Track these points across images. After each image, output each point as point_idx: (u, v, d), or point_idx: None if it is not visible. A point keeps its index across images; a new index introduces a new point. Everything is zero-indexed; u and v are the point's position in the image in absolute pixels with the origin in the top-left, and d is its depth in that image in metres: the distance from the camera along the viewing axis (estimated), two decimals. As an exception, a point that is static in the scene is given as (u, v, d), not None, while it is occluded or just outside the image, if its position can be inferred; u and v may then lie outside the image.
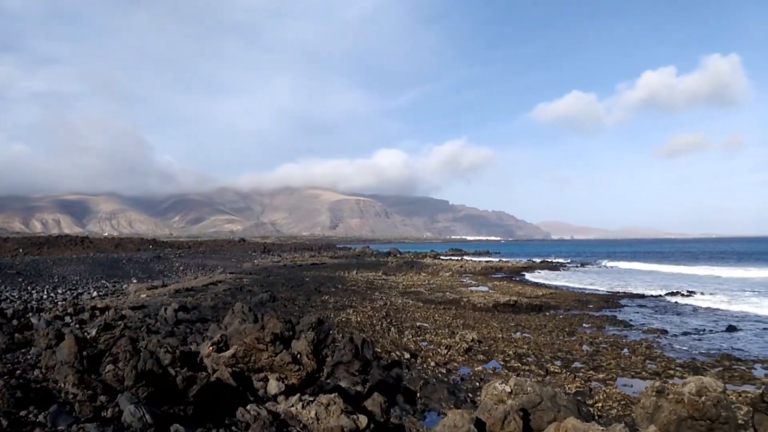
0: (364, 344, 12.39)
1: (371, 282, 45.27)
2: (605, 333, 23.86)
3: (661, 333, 24.17)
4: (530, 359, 18.22)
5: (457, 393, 12.38)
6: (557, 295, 38.56)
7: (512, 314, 28.88)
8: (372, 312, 26.69)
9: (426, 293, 37.11)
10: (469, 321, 25.74)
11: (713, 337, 23.62)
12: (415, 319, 25.60)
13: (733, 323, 26.45)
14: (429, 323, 24.72)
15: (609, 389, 14.50)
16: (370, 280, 47.55)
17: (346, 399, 8.57)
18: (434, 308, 29.94)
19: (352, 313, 26.12)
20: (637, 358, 18.56)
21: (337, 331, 20.08)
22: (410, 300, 33.04)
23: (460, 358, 17.94)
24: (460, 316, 27.40)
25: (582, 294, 40.15)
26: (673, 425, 7.64)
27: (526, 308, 30.96)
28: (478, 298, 33.26)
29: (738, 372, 16.83)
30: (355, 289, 38.19)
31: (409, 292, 37.56)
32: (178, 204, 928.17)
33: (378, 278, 49.62)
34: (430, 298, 34.42)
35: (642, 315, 30.10)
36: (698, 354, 19.84)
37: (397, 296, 34.87)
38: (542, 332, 23.50)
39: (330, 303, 29.76)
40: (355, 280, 46.14)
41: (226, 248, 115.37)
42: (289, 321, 10.03)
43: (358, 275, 52.32)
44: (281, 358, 9.06)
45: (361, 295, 34.29)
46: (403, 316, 26.49)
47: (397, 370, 13.34)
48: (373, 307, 28.45)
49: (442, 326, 23.85)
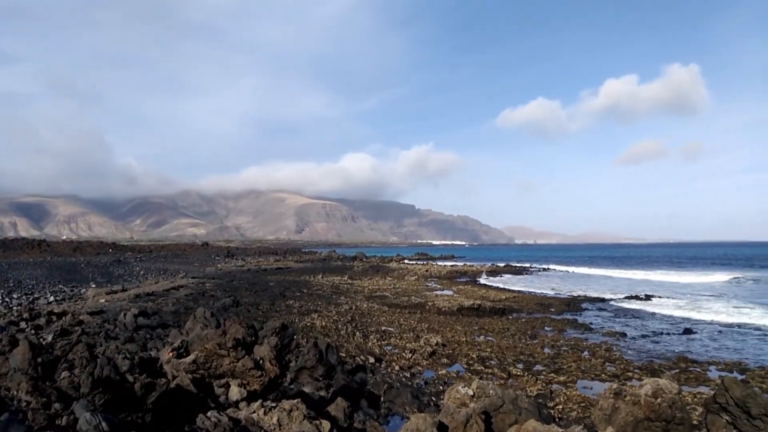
0: (329, 349, 12.33)
1: (337, 286, 45.14)
2: (566, 336, 24.30)
3: (620, 336, 24.75)
4: (493, 362, 18.43)
5: (420, 397, 12.44)
6: (520, 298, 39.08)
7: (476, 318, 29.16)
8: (337, 316, 26.61)
9: (391, 297, 37.18)
10: (433, 325, 25.89)
11: (670, 339, 24.30)
12: (381, 324, 25.61)
13: (689, 326, 27.26)
14: (394, 327, 24.76)
15: (569, 391, 14.78)
16: (336, 284, 47.41)
17: (310, 404, 8.52)
18: (399, 312, 30.02)
19: (317, 317, 25.98)
20: (596, 361, 18.97)
21: (302, 336, 19.97)
22: (376, 304, 33.05)
23: (425, 361, 18.03)
24: (425, 320, 27.54)
25: (544, 298, 40.79)
26: (630, 426, 7.83)
27: (489, 312, 31.28)
28: (442, 302, 33.47)
29: (693, 374, 17.36)
30: (320, 294, 38.01)
31: (374, 297, 37.57)
32: (140, 207, 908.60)
33: (344, 282, 49.50)
34: (396, 302, 34.50)
35: (602, 318, 30.76)
36: (656, 356, 20.38)
37: (363, 300, 34.84)
38: (505, 335, 23.80)
39: (295, 308, 29.54)
40: (321, 285, 45.92)
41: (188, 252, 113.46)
42: (251, 326, 9.92)
43: (324, 280, 52.10)
44: (243, 363, 8.95)
45: (326, 300, 34.14)
46: (369, 320, 26.48)
47: (362, 375, 13.32)
48: (338, 312, 28.36)
49: (407, 330, 23.92)
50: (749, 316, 32.30)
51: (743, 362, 19.09)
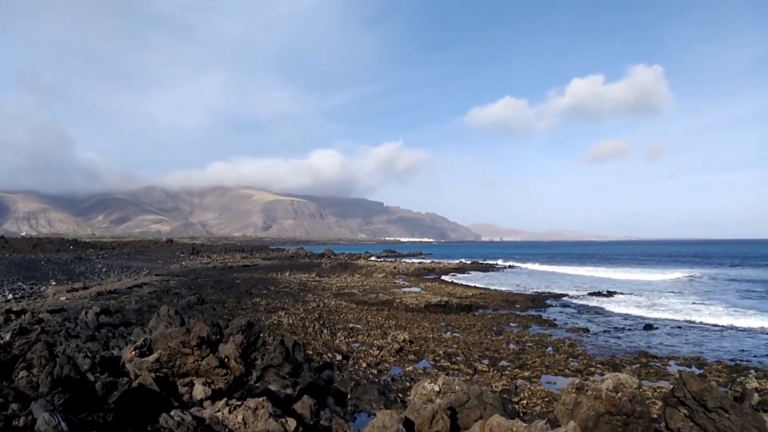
0: (296, 347, 12.27)
1: (304, 284, 44.92)
2: (531, 332, 24.69)
3: (583, 332, 25.26)
4: (459, 358, 18.61)
5: (387, 393, 12.48)
6: (486, 295, 39.53)
7: (443, 314, 29.38)
8: (304, 314, 26.50)
9: (359, 294, 37.17)
10: (401, 322, 25.98)
11: (631, 335, 24.90)
12: (348, 321, 25.59)
13: (650, 322, 28.00)
14: (362, 324, 24.77)
15: (534, 387, 15.03)
16: (304, 281, 47.18)
17: (275, 402, 8.46)
18: (367, 309, 30.04)
19: (284, 315, 25.82)
20: (560, 356, 19.33)
21: (268, 334, 19.82)
22: (343, 301, 33.01)
23: (392, 358, 18.09)
24: (393, 316, 27.62)
25: (510, 294, 41.34)
26: (592, 421, 8.00)
27: (456, 308, 31.56)
28: (410, 299, 33.62)
29: (654, 368, 17.83)
30: (287, 291, 37.77)
31: (342, 294, 37.52)
32: (102, 203, 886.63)
33: (311, 280, 49.29)
34: (364, 299, 34.51)
35: (566, 314, 31.33)
36: (617, 351, 20.87)
37: (331, 298, 34.76)
38: (471, 332, 24.05)
39: (261, 305, 29.29)
40: (288, 282, 45.64)
41: (152, 249, 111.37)
42: (216, 324, 9.81)
43: (291, 277, 51.79)
44: (208, 362, 8.85)
45: (293, 297, 33.95)
46: (336, 317, 26.43)
47: (329, 372, 13.30)
48: (305, 309, 28.23)
49: (374, 327, 23.96)
50: (707, 312, 33.34)
51: (701, 357, 19.69)
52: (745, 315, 31.23)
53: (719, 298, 41.06)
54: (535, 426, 6.81)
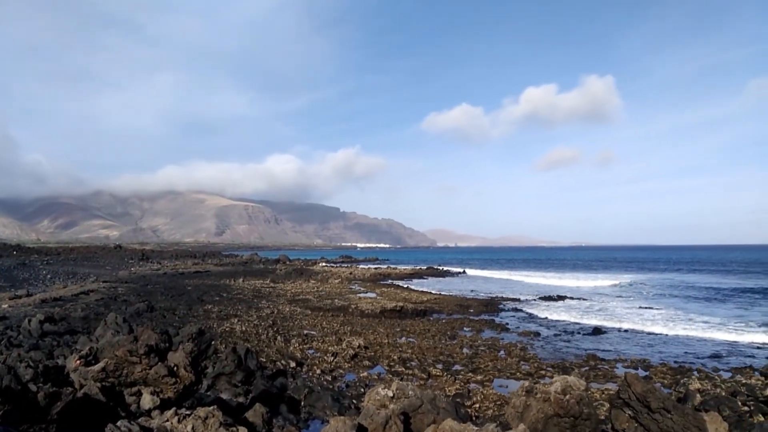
0: (248, 354, 12.09)
1: (258, 290, 44.31)
2: (484, 336, 25.06)
3: (534, 335, 25.80)
4: (414, 363, 18.71)
5: (341, 400, 12.43)
6: (441, 300, 39.89)
7: (398, 320, 29.50)
8: (258, 321, 26.14)
9: (314, 301, 36.92)
10: (356, 327, 25.94)
11: (581, 338, 25.59)
12: (303, 327, 25.38)
13: (598, 326, 28.82)
14: (316, 331, 24.61)
15: (486, 390, 15.24)
16: (258, 288, 46.53)
17: (227, 411, 8.32)
18: (322, 315, 29.87)
19: (236, 322, 25.41)
20: (512, 360, 19.68)
21: (220, 342, 19.46)
22: (298, 308, 32.71)
23: (347, 364, 18.04)
24: (348, 322, 27.54)
25: (464, 299, 41.82)
26: (541, 423, 8.18)
27: (411, 313, 31.73)
28: (365, 305, 33.60)
29: (602, 371, 18.35)
30: (241, 298, 37.19)
31: (297, 300, 37.18)
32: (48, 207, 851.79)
33: (266, 286, 48.67)
34: (319, 305, 34.29)
35: (518, 319, 31.94)
36: (567, 355, 21.39)
37: (285, 304, 34.39)
38: (426, 336, 24.22)
39: (213, 312, 28.74)
40: (242, 289, 44.94)
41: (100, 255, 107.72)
42: (165, 332, 9.59)
43: (245, 283, 51.01)
44: (156, 370, 8.63)
45: (247, 304, 33.44)
46: (291, 324, 26.17)
47: (282, 380, 13.15)
48: (259, 316, 27.86)
49: (329, 333, 23.83)
50: (653, 316, 34.57)
51: (648, 360, 20.38)
52: (688, 319, 32.55)
53: (665, 302, 42.65)
54: (485, 429, 6.92)
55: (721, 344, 24.13)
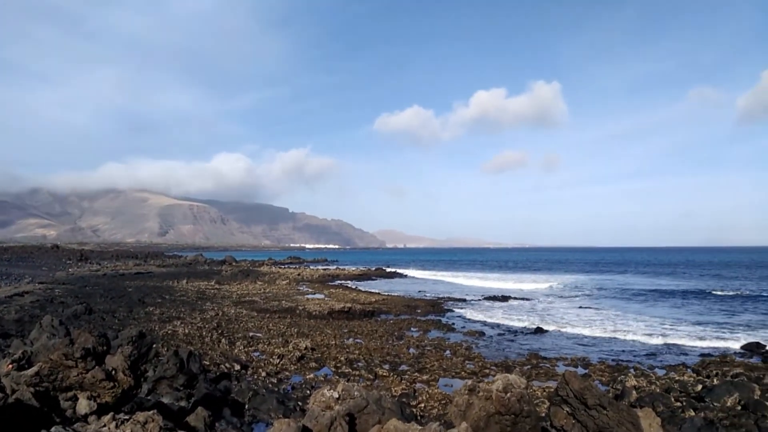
0: (191, 357, 11.82)
1: (203, 292, 43.38)
2: (430, 336, 25.35)
3: (479, 335, 26.30)
4: (361, 364, 18.74)
5: (287, 402, 12.32)
6: (389, 301, 40.09)
7: (346, 321, 29.48)
8: (202, 323, 25.61)
9: (261, 302, 36.44)
10: (303, 329, 25.77)
11: (524, 338, 26.24)
12: (249, 329, 25.01)
13: (541, 325, 29.60)
14: (263, 333, 24.31)
15: (431, 390, 15.43)
16: (202, 289, 45.55)
17: (168, 415, 8.12)
18: (269, 317, 29.53)
19: (179, 324, 24.80)
20: (457, 359, 19.99)
21: (162, 345, 18.97)
22: (244, 310, 32.22)
23: (293, 366, 17.90)
24: (295, 324, 27.33)
25: (411, 300, 42.18)
26: (483, 421, 8.33)
27: (359, 314, 31.77)
28: (313, 306, 33.42)
29: (543, 369, 18.89)
30: (184, 300, 36.31)
31: (243, 302, 36.61)
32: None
33: (210, 288, 47.69)
34: (265, 307, 33.87)
35: (463, 319, 32.46)
36: (511, 354, 21.92)
37: (231, 306, 33.80)
38: (373, 337, 24.31)
39: (155, 315, 27.95)
40: (185, 290, 43.87)
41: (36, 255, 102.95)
42: (103, 335, 9.27)
43: (189, 285, 49.82)
44: (93, 375, 8.32)
45: (190, 306, 32.68)
46: (236, 326, 25.74)
47: (226, 383, 12.92)
48: (203, 318, 27.29)
49: (276, 335, 23.59)
50: (593, 315, 35.77)
51: (587, 358, 21.11)
52: (626, 319, 33.84)
53: (604, 302, 44.23)
54: (429, 428, 7.00)
55: (657, 343, 25.21)
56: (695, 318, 33.94)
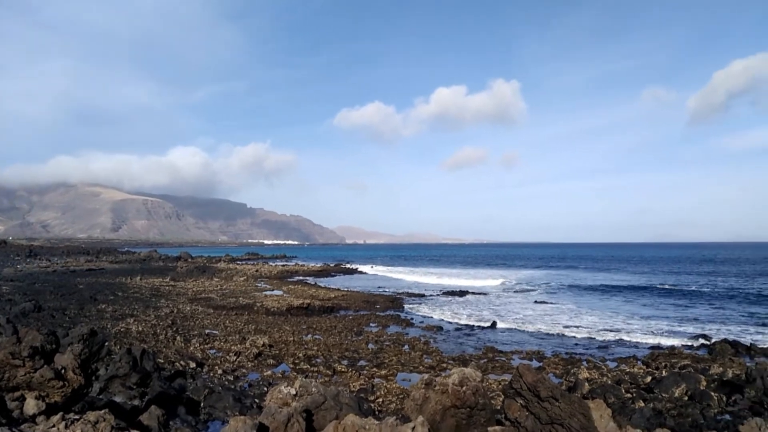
0: (144, 355, 11.58)
1: (157, 288, 42.46)
2: (389, 332, 25.50)
3: (437, 330, 26.59)
4: (319, 360, 18.71)
5: (243, 400, 12.21)
6: (348, 297, 40.08)
7: (305, 317, 29.36)
8: (156, 321, 25.08)
9: (218, 299, 35.92)
10: (261, 326, 25.55)
11: (481, 332, 26.67)
12: (205, 327, 24.64)
13: (497, 320, 30.12)
14: (219, 330, 23.98)
15: (390, 384, 15.53)
16: (156, 286, 44.57)
17: (120, 415, 7.96)
18: (226, 314, 29.14)
19: (133, 322, 24.22)
20: (415, 354, 20.17)
21: (115, 343, 18.52)
22: (200, 306, 31.70)
23: (250, 363, 17.73)
24: (253, 321, 27.06)
25: (371, 296, 42.28)
26: (439, 414, 8.46)
27: (318, 311, 31.69)
28: (272, 303, 33.14)
29: (499, 363, 19.24)
30: (138, 297, 35.46)
31: (199, 299, 36.00)
32: None
33: (165, 284, 46.70)
34: (222, 303, 33.40)
35: (422, 314, 32.75)
36: (468, 348, 22.26)
37: (186, 303, 33.20)
38: (332, 333, 24.29)
39: (108, 312, 27.23)
40: (139, 287, 42.85)
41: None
42: (52, 333, 9.00)
43: (143, 282, 48.67)
44: (41, 374, 8.09)
45: (144, 303, 31.95)
46: (192, 323, 25.32)
47: (181, 381, 12.73)
48: (157, 316, 26.73)
49: (232, 332, 23.30)
50: (549, 309, 36.59)
51: (542, 351, 21.62)
52: (580, 313, 34.76)
53: (559, 297, 45.31)
54: (385, 423, 7.07)
55: (609, 336, 25.99)
56: (647, 312, 35.15)
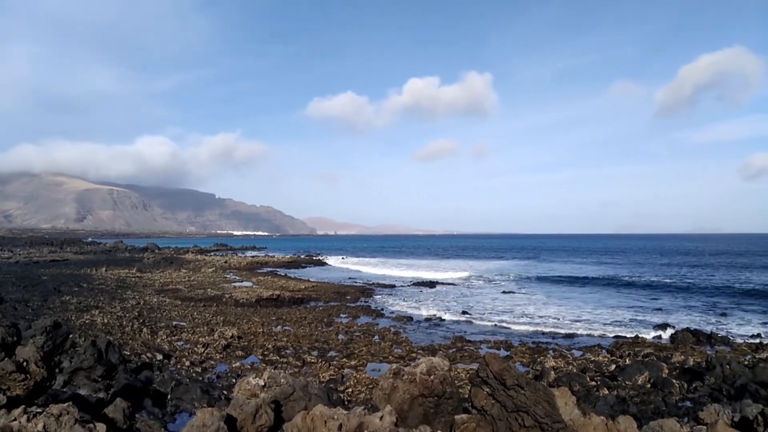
0: (110, 347, 11.40)
1: (123, 280, 41.73)
2: (359, 322, 25.59)
3: (407, 320, 26.79)
4: (289, 351, 18.68)
5: (211, 391, 12.14)
6: (319, 288, 40.03)
7: (275, 308, 29.25)
8: (122, 312, 24.68)
9: (185, 290, 35.47)
10: (230, 317, 25.37)
11: (450, 322, 26.97)
12: (172, 318, 24.34)
13: (467, 309, 30.50)
14: (187, 322, 23.72)
15: (359, 375, 15.62)
16: (122, 277, 43.80)
17: (84, 407, 7.83)
18: (193, 306, 28.83)
19: (98, 314, 23.80)
20: (385, 344, 20.30)
21: (79, 335, 18.19)
22: (167, 298, 31.28)
23: (218, 355, 17.61)
24: (221, 312, 26.84)
25: (341, 286, 42.31)
26: (407, 403, 8.56)
27: (288, 302, 31.58)
28: (241, 294, 32.90)
29: (468, 352, 19.50)
30: (103, 288, 34.82)
31: (166, 290, 35.51)
32: None
33: (131, 276, 45.92)
34: (190, 295, 33.01)
35: (392, 304, 32.94)
36: (437, 337, 22.49)
37: (153, 295, 32.72)
38: (302, 324, 24.26)
39: (72, 304, 26.69)
40: (104, 278, 42.06)
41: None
42: (14, 325, 8.78)
43: (108, 273, 47.77)
44: (2, 366, 7.89)
45: (110, 295, 31.39)
46: (159, 315, 24.99)
47: (147, 373, 12.57)
48: (123, 307, 26.30)
49: (200, 324, 23.09)
50: (517, 298, 37.13)
51: (509, 340, 21.96)
52: (548, 302, 35.38)
53: (527, 287, 46.02)
54: (353, 412, 7.13)
55: (576, 325, 26.55)
56: (612, 302, 35.98)
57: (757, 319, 28.64)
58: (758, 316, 29.67)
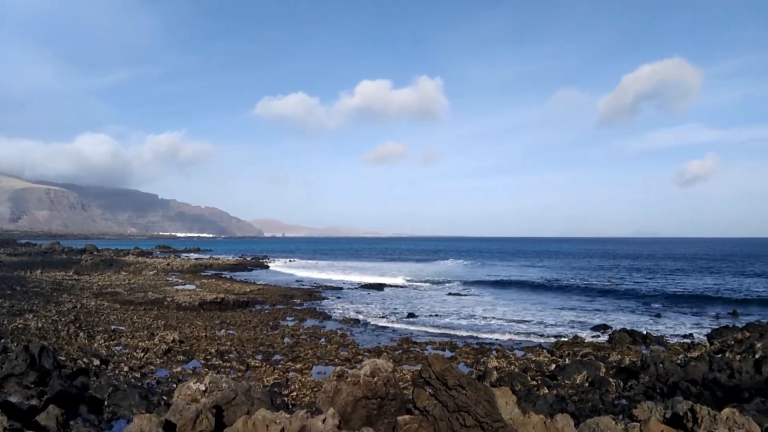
0: (43, 352, 10.97)
1: (59, 282, 40.05)
2: (306, 325, 25.47)
3: (354, 322, 26.87)
4: (232, 355, 18.44)
5: (150, 397, 11.84)
6: (264, 291, 39.58)
7: (218, 312, 28.75)
8: (58, 316, 23.72)
9: (125, 294, 34.38)
10: (171, 321, 24.79)
11: (397, 324, 27.21)
12: (110, 323, 23.58)
13: (414, 312, 30.80)
14: (126, 326, 23.03)
15: (305, 378, 15.58)
16: (58, 280, 42.02)
17: (15, 415, 7.55)
18: (133, 309, 28.00)
19: (32, 318, 22.77)
20: (332, 347, 20.31)
21: (11, 340, 17.36)
22: (106, 302, 30.25)
23: (158, 360, 17.20)
24: (162, 316, 26.18)
25: (288, 289, 41.99)
26: (351, 405, 8.61)
27: (233, 305, 31.08)
28: (183, 297, 32.16)
29: (413, 353, 19.73)
30: (38, 291, 33.32)
31: (105, 293, 34.31)
32: None
33: (68, 278, 44.12)
34: (130, 298, 32.01)
35: (339, 306, 32.96)
36: (384, 339, 22.67)
37: (91, 298, 31.57)
38: (247, 328, 23.96)
39: (4, 307, 25.42)
40: (39, 281, 40.25)
41: None
42: (-63, 331, 8.37)
43: (43, 275, 45.72)
44: (-77, 376, 7.52)
45: (45, 298, 30.08)
46: (96, 319, 24.16)
47: (83, 379, 12.15)
48: (59, 311, 25.27)
49: (140, 328, 22.46)
50: (462, 302, 37.73)
51: (454, 341, 22.35)
52: (493, 304, 36.15)
53: (473, 289, 46.87)
54: (296, 416, 7.14)
55: (519, 326, 27.25)
56: (554, 303, 37.13)
57: (689, 321, 30.13)
58: (690, 318, 31.23)
